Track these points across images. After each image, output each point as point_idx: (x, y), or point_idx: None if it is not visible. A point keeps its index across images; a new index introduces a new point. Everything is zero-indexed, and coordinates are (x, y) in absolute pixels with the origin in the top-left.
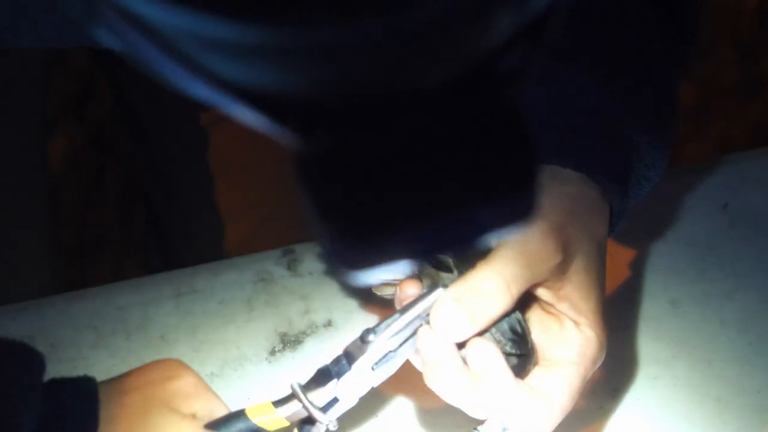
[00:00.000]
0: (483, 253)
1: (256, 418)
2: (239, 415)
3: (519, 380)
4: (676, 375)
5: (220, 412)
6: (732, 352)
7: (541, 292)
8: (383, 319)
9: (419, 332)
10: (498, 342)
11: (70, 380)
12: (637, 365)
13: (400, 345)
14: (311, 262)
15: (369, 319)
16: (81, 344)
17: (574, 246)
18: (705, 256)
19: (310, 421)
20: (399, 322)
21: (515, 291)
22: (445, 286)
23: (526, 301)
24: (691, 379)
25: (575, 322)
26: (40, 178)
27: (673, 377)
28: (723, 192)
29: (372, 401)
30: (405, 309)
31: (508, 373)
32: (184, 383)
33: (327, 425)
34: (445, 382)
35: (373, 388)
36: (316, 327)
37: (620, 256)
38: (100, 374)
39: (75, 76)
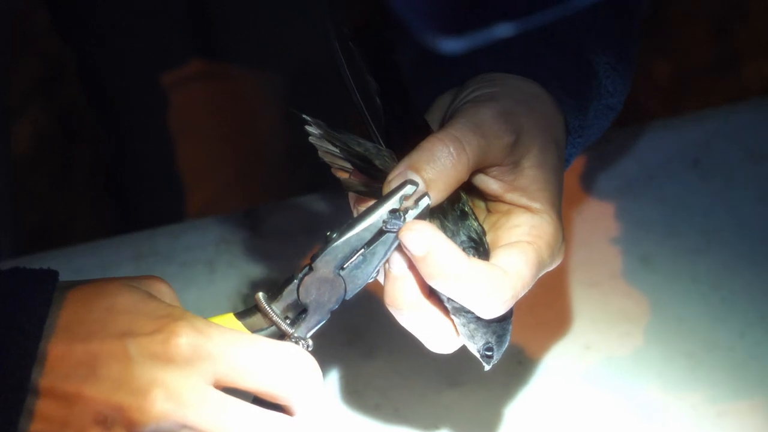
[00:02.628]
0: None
1: None
2: None
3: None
4: (648, 331)
5: None
6: (704, 308)
7: (491, 183)
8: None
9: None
10: None
11: (30, 269)
12: (609, 322)
13: (370, 247)
14: (274, 223)
15: None
16: None
17: (528, 136)
18: (676, 213)
19: (279, 335)
20: (364, 222)
21: (472, 157)
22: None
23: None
24: (663, 336)
25: (526, 208)
26: (5, 162)
27: (644, 334)
28: (694, 148)
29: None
30: (371, 209)
31: (457, 248)
32: (160, 283)
33: (299, 340)
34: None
35: (345, 299)
36: None
37: (591, 213)
38: None
39: (41, 58)
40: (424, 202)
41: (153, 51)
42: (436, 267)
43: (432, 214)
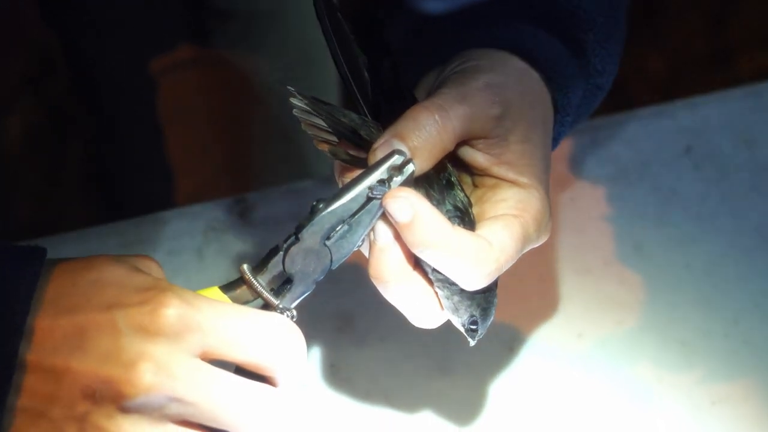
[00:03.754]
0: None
1: None
2: None
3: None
4: (641, 319)
5: None
6: (697, 295)
7: (478, 156)
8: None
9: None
10: None
11: (18, 246)
12: (602, 310)
13: (355, 216)
14: (264, 210)
15: None
16: None
17: (516, 110)
18: (669, 200)
19: (264, 306)
20: (351, 193)
21: (457, 125)
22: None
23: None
24: (656, 323)
25: (513, 182)
26: None
27: (637, 321)
28: (686, 135)
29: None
30: (357, 179)
31: (442, 216)
32: (148, 260)
33: (284, 311)
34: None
35: (331, 269)
36: None
37: (583, 199)
38: None
39: (31, 53)
40: (409, 169)
41: (143, 36)
42: (421, 234)
43: (417, 183)
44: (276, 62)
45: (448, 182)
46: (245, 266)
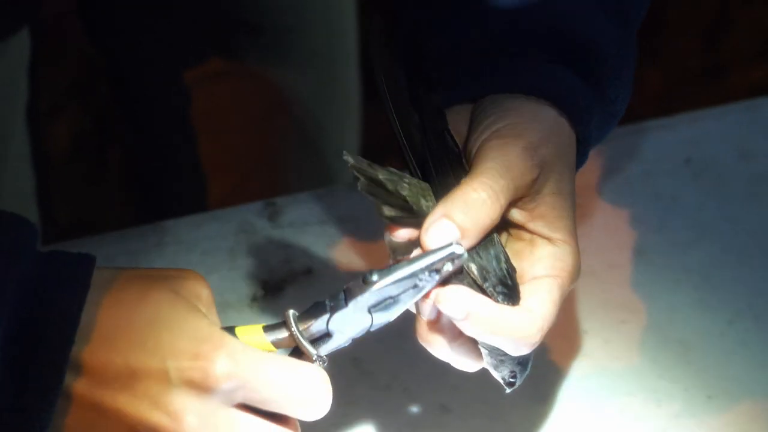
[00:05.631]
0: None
1: (243, 337)
2: (229, 331)
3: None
4: (642, 319)
5: None
6: (695, 297)
7: (514, 213)
8: (389, 264)
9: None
10: (490, 296)
11: (67, 252)
12: (606, 310)
13: (402, 293)
14: (292, 214)
15: (346, 267)
16: None
17: (549, 166)
18: (669, 207)
19: (297, 351)
20: (405, 269)
21: (504, 201)
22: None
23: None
24: (657, 323)
25: (549, 239)
26: (39, 161)
27: (639, 321)
28: (686, 147)
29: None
30: (414, 259)
31: (488, 302)
32: (200, 285)
33: (315, 358)
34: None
35: (368, 331)
36: (296, 275)
37: (589, 207)
38: None
39: (77, 62)
40: (460, 260)
41: (176, 51)
42: (475, 326)
43: (468, 256)
44: (302, 76)
45: (497, 254)
46: (291, 313)
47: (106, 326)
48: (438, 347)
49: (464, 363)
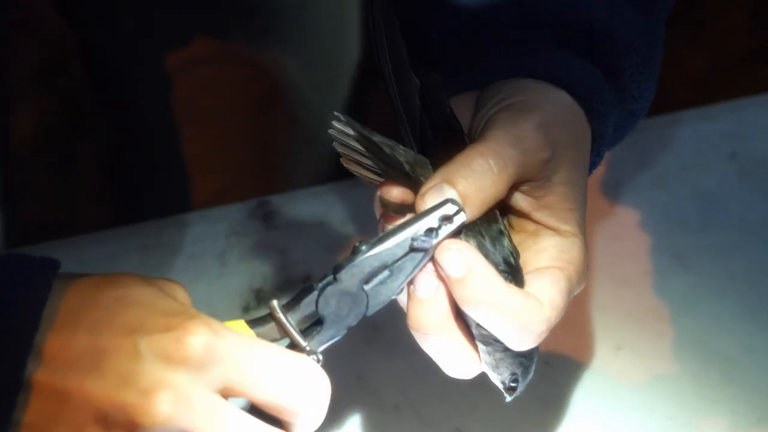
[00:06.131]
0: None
1: None
2: None
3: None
4: (681, 331)
5: None
6: (741, 308)
7: (519, 199)
8: (379, 234)
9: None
10: None
11: (29, 255)
12: (640, 322)
13: (397, 262)
14: (289, 213)
15: None
16: None
17: (562, 151)
18: (711, 207)
19: (291, 346)
20: (397, 235)
21: (512, 172)
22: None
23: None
24: (697, 336)
25: (555, 230)
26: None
27: (678, 334)
28: (730, 140)
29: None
30: (404, 224)
31: (496, 273)
32: (176, 284)
33: (311, 354)
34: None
35: (365, 316)
36: (293, 283)
37: (621, 206)
38: None
39: (44, 43)
40: (460, 219)
41: (160, 31)
42: (473, 291)
43: (467, 232)
44: (299, 60)
45: (499, 232)
46: (275, 302)
47: (69, 308)
48: (430, 336)
49: (459, 363)
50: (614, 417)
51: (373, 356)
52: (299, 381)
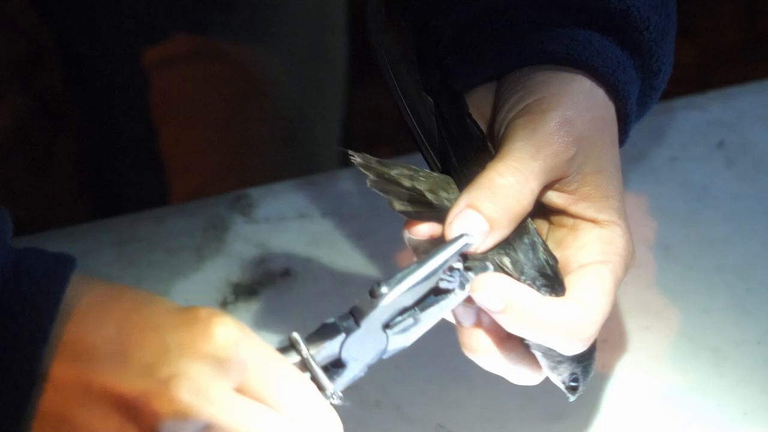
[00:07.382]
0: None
1: None
2: None
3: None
4: (670, 325)
5: None
6: (730, 299)
7: (554, 197)
8: (397, 270)
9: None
10: None
11: (46, 251)
12: (627, 315)
13: (418, 302)
14: (267, 207)
15: (329, 268)
16: None
17: (588, 141)
18: (700, 198)
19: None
20: (417, 274)
21: (535, 185)
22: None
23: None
24: (686, 330)
25: (594, 221)
26: None
27: (666, 328)
28: (718, 128)
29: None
30: (425, 258)
31: (530, 291)
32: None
33: (330, 395)
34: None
35: (384, 357)
36: (273, 277)
37: None
38: None
39: (20, 39)
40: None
41: (137, 26)
42: (516, 318)
43: (499, 250)
44: (281, 56)
45: (532, 244)
46: (297, 336)
47: (93, 302)
48: (487, 356)
49: (522, 373)
50: (599, 411)
51: None
52: (314, 421)
